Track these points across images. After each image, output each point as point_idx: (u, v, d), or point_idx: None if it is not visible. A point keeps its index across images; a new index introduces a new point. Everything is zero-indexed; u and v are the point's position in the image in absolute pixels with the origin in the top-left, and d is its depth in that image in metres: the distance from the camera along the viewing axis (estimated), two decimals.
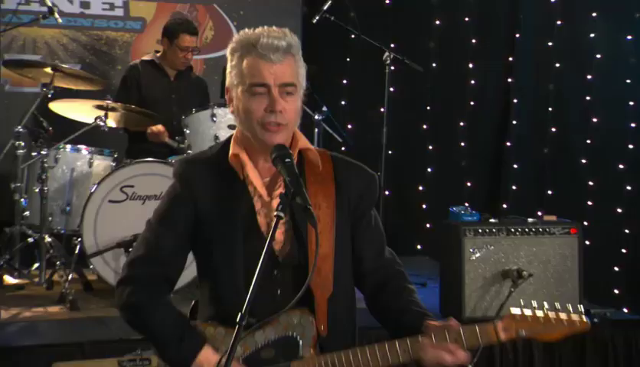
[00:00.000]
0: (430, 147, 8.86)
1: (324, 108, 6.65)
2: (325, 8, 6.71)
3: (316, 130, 6.62)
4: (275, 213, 2.53)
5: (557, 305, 2.60)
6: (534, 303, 2.60)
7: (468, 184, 8.84)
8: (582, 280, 5.68)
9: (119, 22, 7.97)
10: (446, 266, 5.72)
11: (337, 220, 2.77)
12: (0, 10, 7.23)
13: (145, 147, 6.40)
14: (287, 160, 2.63)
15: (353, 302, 2.89)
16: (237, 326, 2.41)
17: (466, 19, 8.82)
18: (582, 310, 2.61)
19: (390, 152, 8.67)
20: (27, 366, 4.64)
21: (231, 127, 6.01)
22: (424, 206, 8.77)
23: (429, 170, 8.83)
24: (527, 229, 5.58)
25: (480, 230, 5.53)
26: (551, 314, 2.56)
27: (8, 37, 7.59)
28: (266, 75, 2.67)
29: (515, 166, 8.82)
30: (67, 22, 7.77)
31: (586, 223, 8.65)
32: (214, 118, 6.05)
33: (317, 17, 6.81)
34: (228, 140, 2.83)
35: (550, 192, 8.78)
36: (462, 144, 8.87)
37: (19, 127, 5.96)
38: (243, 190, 2.76)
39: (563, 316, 2.56)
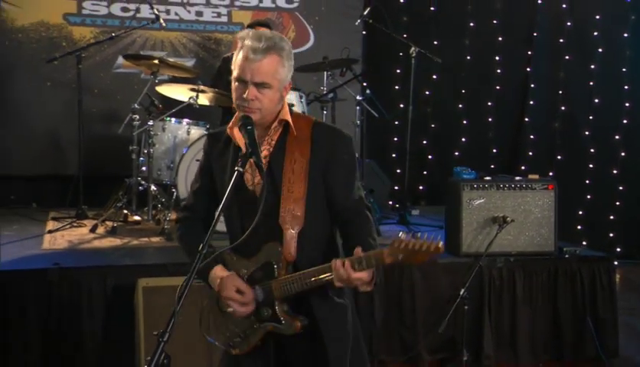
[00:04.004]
0: (465, 122, 8.63)
1: (368, 91, 6.54)
2: (365, 13, 6.58)
3: (357, 108, 6.53)
4: (235, 168, 2.53)
5: (425, 236, 2.43)
6: (410, 236, 2.45)
7: (494, 151, 8.62)
8: (557, 225, 5.42)
9: (224, 26, 7.98)
10: (449, 213, 5.56)
11: (310, 171, 2.67)
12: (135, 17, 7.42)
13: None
14: (249, 127, 2.60)
15: (328, 234, 2.79)
16: (198, 255, 2.44)
17: (494, 21, 8.55)
18: (440, 239, 2.42)
19: (432, 125, 8.58)
20: (124, 279, 4.67)
21: (290, 105, 5.87)
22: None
23: (463, 139, 8.60)
24: (512, 185, 5.38)
25: (475, 185, 5.35)
26: (417, 244, 2.40)
27: (143, 38, 7.75)
28: (246, 71, 2.59)
29: (532, 137, 8.58)
30: (186, 27, 7.88)
31: (587, 182, 8.43)
32: None
33: (358, 20, 6.68)
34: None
35: (559, 157, 8.52)
36: (490, 119, 8.63)
37: (135, 104, 6.07)
38: (236, 154, 2.71)
39: (424, 245, 2.39)
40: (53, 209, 6.82)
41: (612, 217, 8.46)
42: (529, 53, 8.54)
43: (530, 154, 8.53)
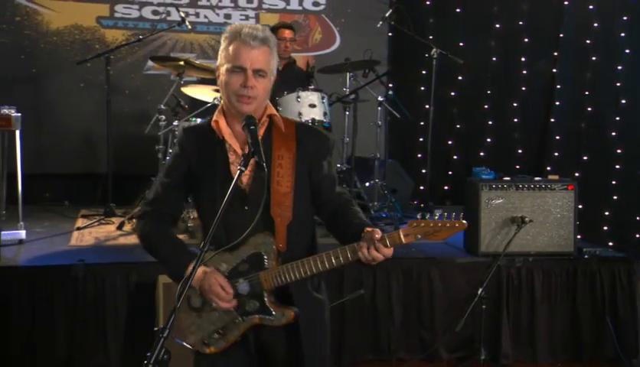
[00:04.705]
0: (490, 122, 8.52)
1: (390, 92, 6.49)
2: (387, 15, 6.53)
3: (379, 108, 6.48)
4: (238, 167, 2.52)
5: (445, 214, 2.44)
6: (428, 216, 2.46)
7: (520, 151, 8.49)
8: (576, 225, 5.33)
9: None
10: (468, 212, 5.47)
11: (296, 167, 2.70)
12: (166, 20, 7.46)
13: None
14: (252, 127, 2.59)
15: (311, 227, 2.82)
16: (200, 252, 2.43)
17: (520, 23, 8.43)
18: (461, 217, 2.44)
19: (458, 126, 8.50)
20: (146, 276, 4.72)
21: (312, 106, 5.93)
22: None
23: (488, 140, 8.49)
24: (532, 185, 5.31)
25: (494, 186, 5.30)
26: (437, 222, 2.41)
27: (173, 40, 7.81)
28: (245, 59, 2.62)
29: (558, 137, 8.41)
30: (214, 29, 7.92)
31: (614, 182, 8.25)
32: (299, 99, 5.94)
33: (380, 22, 6.63)
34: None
35: (585, 158, 8.35)
36: (515, 120, 8.51)
37: (161, 104, 6.10)
38: (221, 148, 2.72)
39: (446, 222, 2.40)
40: (84, 207, 6.90)
41: (638, 218, 8.27)
42: (555, 54, 8.40)
43: (556, 154, 8.38)
